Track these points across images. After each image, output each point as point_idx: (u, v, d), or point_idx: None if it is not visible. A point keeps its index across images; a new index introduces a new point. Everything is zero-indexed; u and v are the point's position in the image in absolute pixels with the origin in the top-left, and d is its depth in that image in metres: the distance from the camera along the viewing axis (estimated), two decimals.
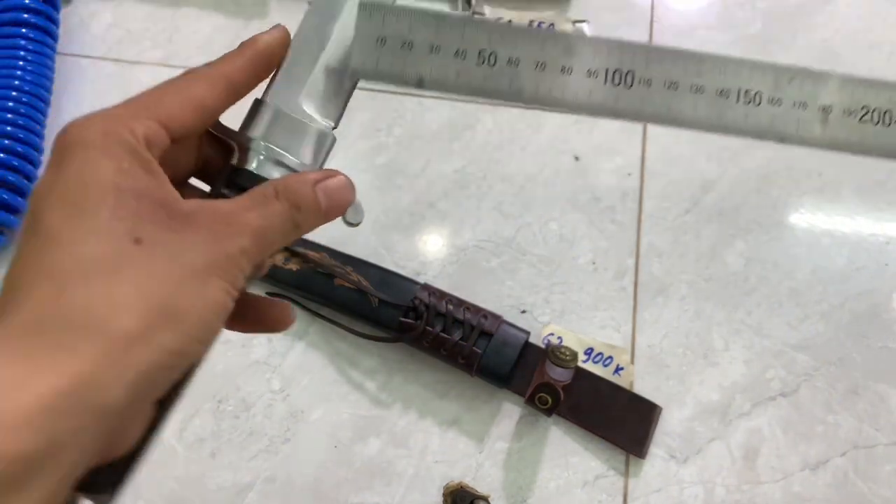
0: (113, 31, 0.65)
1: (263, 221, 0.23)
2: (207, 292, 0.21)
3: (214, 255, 0.21)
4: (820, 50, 0.62)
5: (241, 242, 0.22)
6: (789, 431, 0.49)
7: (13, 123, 0.54)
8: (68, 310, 0.19)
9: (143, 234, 0.20)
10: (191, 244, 0.21)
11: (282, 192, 0.23)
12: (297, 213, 0.23)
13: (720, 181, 0.58)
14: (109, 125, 0.22)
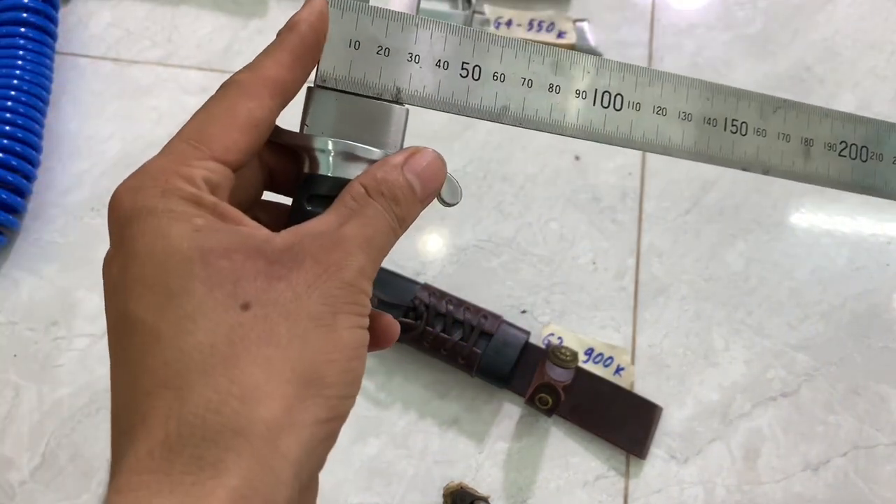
0: (112, 30, 0.65)
1: (367, 230, 0.20)
2: (341, 338, 0.18)
3: (333, 291, 0.18)
4: (820, 49, 0.62)
5: (354, 263, 0.19)
6: (790, 432, 0.49)
7: (12, 123, 0.53)
8: (198, 419, 0.16)
9: (248, 296, 0.17)
10: (304, 288, 0.18)
11: (373, 189, 0.21)
12: (397, 207, 0.21)
13: (720, 181, 0.57)
14: (164, 181, 0.18)
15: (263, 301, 0.18)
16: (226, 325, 0.17)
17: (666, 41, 0.63)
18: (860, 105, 0.60)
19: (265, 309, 0.18)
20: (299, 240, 0.19)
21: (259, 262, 0.18)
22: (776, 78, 0.61)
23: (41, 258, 0.55)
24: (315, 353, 0.18)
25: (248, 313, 0.17)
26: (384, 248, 0.21)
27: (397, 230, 0.21)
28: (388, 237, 0.21)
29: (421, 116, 0.25)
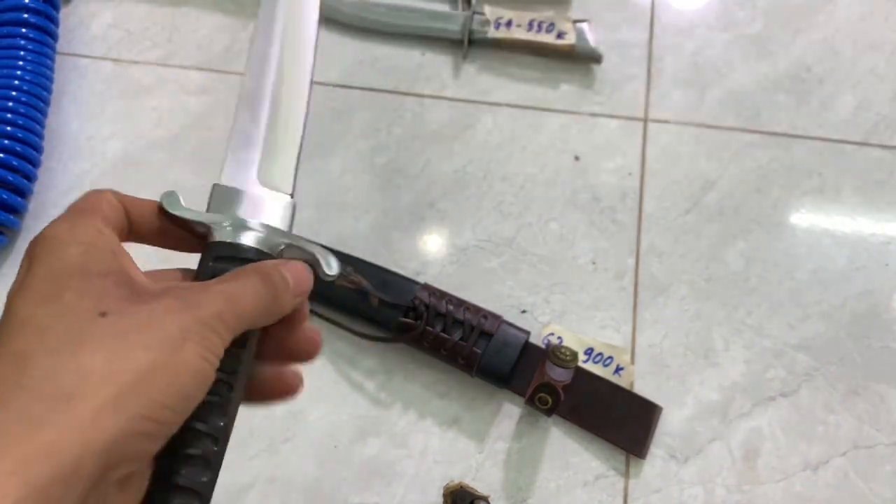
0: (112, 30, 0.65)
1: (234, 287, 0.23)
2: (180, 357, 0.20)
3: (185, 321, 0.21)
4: (820, 49, 0.62)
5: (213, 307, 0.22)
6: (790, 431, 0.49)
7: (13, 123, 0.53)
8: (34, 382, 0.19)
9: (108, 307, 0.21)
10: (160, 313, 0.21)
11: (251, 268, 0.24)
12: (270, 285, 0.24)
13: (720, 181, 0.57)
14: (76, 217, 0.23)
15: (119, 312, 0.21)
16: (82, 323, 0.20)
17: (666, 41, 0.63)
18: (860, 105, 0.60)
19: (119, 318, 0.21)
20: (171, 286, 0.23)
21: (126, 289, 0.22)
22: (776, 78, 0.61)
23: None
24: (152, 361, 0.20)
25: (103, 318, 0.20)
26: (249, 311, 0.23)
27: (268, 303, 0.23)
28: (255, 303, 0.23)
29: (420, 117, 0.25)
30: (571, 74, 0.62)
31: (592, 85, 0.62)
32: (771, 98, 0.61)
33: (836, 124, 0.59)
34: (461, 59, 0.63)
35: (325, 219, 0.56)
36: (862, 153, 0.58)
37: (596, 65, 0.62)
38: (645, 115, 0.60)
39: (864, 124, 0.59)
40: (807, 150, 0.58)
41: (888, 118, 0.59)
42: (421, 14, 0.63)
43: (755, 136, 0.59)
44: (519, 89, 0.61)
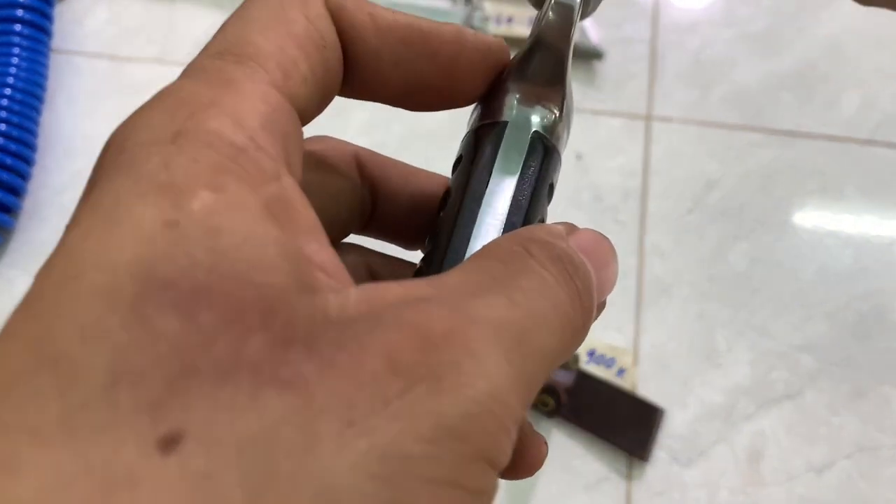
0: (108, 27, 0.64)
1: (519, 312, 0.10)
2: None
3: (411, 447, 0.09)
4: (825, 47, 0.62)
5: (480, 387, 0.09)
6: (793, 434, 0.49)
7: (7, 121, 0.53)
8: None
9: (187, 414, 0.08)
10: (343, 422, 0.09)
11: (536, 249, 0.11)
12: (579, 281, 0.12)
13: (724, 180, 0.57)
14: (186, 114, 0.10)
15: (214, 435, 0.08)
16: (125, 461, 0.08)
17: (668, 38, 0.62)
18: (865, 102, 0.59)
19: (211, 455, 0.08)
20: (382, 309, 0.10)
21: (266, 335, 0.09)
22: (780, 76, 0.61)
23: (36, 257, 0.54)
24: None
25: (167, 457, 0.08)
26: (547, 358, 0.11)
27: (579, 327, 0.12)
28: (559, 331, 0.11)
29: (420, 116, 0.24)
30: (573, 72, 0.61)
31: (594, 82, 0.61)
32: (775, 96, 0.60)
33: (840, 122, 0.59)
34: None
35: None
36: (867, 152, 0.58)
37: (598, 62, 0.61)
38: (648, 113, 0.60)
39: (870, 122, 0.59)
40: (811, 148, 0.58)
41: (893, 116, 0.59)
42: (420, 11, 0.63)
43: (759, 134, 0.59)
44: None
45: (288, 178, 0.10)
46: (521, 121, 0.15)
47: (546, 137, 0.15)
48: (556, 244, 0.12)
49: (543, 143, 0.15)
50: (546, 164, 0.15)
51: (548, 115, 0.15)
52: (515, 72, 0.15)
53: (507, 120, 0.15)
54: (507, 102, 0.15)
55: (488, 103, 0.15)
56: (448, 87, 0.14)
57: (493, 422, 0.09)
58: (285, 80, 0.11)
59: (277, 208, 0.10)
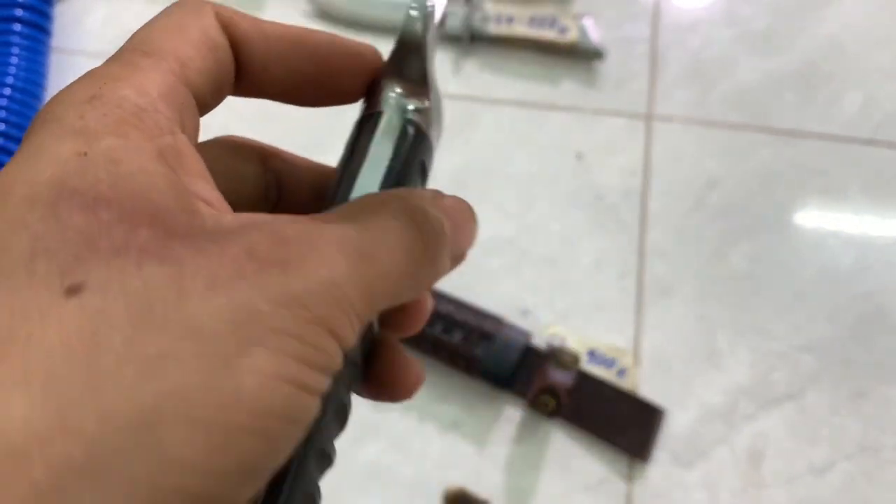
0: (107, 27, 0.64)
1: (367, 236, 0.13)
2: (237, 387, 0.11)
3: (259, 304, 0.11)
4: (826, 46, 0.62)
5: (325, 273, 0.12)
6: (795, 434, 0.49)
7: (6, 121, 0.53)
8: None
9: (87, 277, 0.11)
10: (206, 283, 0.11)
11: (392, 199, 0.14)
12: (428, 226, 0.15)
13: (725, 180, 0.57)
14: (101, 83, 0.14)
15: (106, 289, 0.11)
16: (34, 302, 0.11)
17: (669, 38, 0.62)
18: (867, 102, 0.59)
19: (103, 300, 0.11)
20: (250, 223, 0.12)
21: (146, 234, 0.11)
22: (782, 75, 0.61)
23: None
24: (172, 387, 0.10)
25: (72, 298, 0.10)
26: (389, 276, 0.13)
27: (420, 260, 0.14)
28: (400, 260, 0.13)
29: None
30: (574, 71, 0.61)
31: (595, 82, 0.61)
32: (776, 95, 0.60)
33: (842, 122, 0.59)
34: (462, 55, 0.62)
35: None
36: (869, 151, 0.58)
37: (598, 61, 0.61)
38: (648, 112, 0.59)
39: (872, 122, 0.58)
40: (813, 148, 0.58)
41: (895, 116, 0.59)
42: None
43: (760, 134, 0.59)
44: (520, 86, 0.61)
45: (181, 135, 0.13)
46: (393, 110, 0.18)
47: (417, 123, 0.18)
48: (412, 200, 0.15)
49: (415, 128, 0.18)
50: (416, 145, 0.18)
51: (418, 104, 0.18)
52: (388, 71, 0.18)
53: (382, 110, 0.18)
54: (382, 96, 0.18)
55: (368, 98, 0.18)
56: (328, 85, 0.17)
57: (333, 301, 0.12)
58: (182, 69, 0.14)
59: (170, 154, 0.13)
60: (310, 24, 0.63)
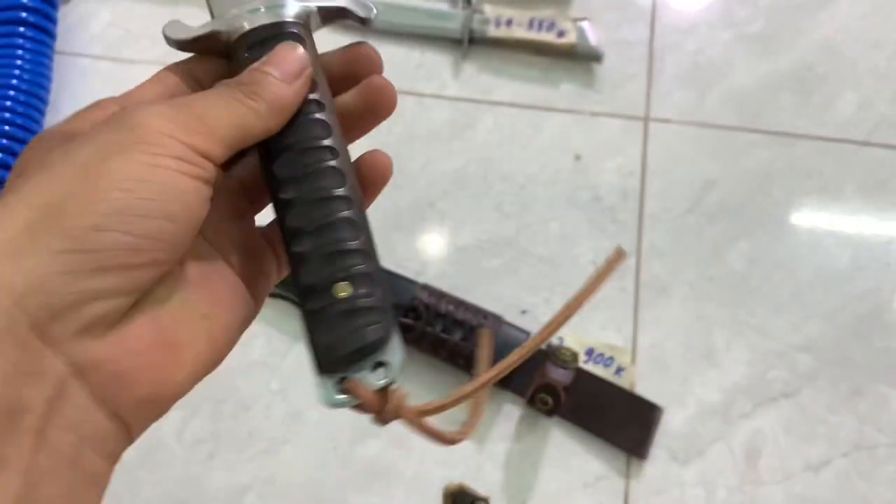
0: (111, 29, 0.64)
1: (192, 97, 0.20)
2: (98, 173, 0.18)
3: (109, 138, 0.18)
4: (822, 48, 0.62)
5: (151, 110, 0.19)
6: (791, 432, 0.49)
7: (11, 123, 0.53)
8: None
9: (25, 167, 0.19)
10: (77, 145, 0.18)
11: (221, 82, 0.22)
12: (245, 87, 0.21)
13: (722, 181, 0.57)
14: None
15: (32, 166, 0.19)
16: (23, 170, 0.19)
17: (667, 40, 0.63)
18: (862, 104, 0.60)
19: (30, 170, 0.18)
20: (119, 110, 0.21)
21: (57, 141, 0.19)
22: (778, 77, 0.61)
23: None
24: (59, 188, 0.17)
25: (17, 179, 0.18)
26: (218, 112, 0.20)
27: (248, 102, 0.20)
28: (224, 103, 0.20)
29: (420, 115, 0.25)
30: (572, 73, 0.62)
31: (593, 84, 0.61)
32: (772, 97, 0.60)
33: (838, 124, 0.59)
34: (461, 58, 0.62)
35: None
36: (864, 153, 0.58)
37: (596, 64, 0.61)
38: (646, 114, 0.60)
39: (866, 124, 0.59)
40: (808, 149, 0.58)
41: (890, 118, 0.59)
42: (421, 13, 0.63)
43: (757, 135, 0.59)
44: (519, 88, 0.61)
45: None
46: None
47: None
48: (234, 77, 0.22)
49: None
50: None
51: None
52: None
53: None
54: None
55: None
56: None
57: (151, 120, 0.19)
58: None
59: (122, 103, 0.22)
60: None
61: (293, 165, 0.21)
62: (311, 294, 0.21)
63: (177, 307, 0.20)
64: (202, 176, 0.19)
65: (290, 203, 0.21)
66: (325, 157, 0.22)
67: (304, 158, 0.22)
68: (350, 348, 0.21)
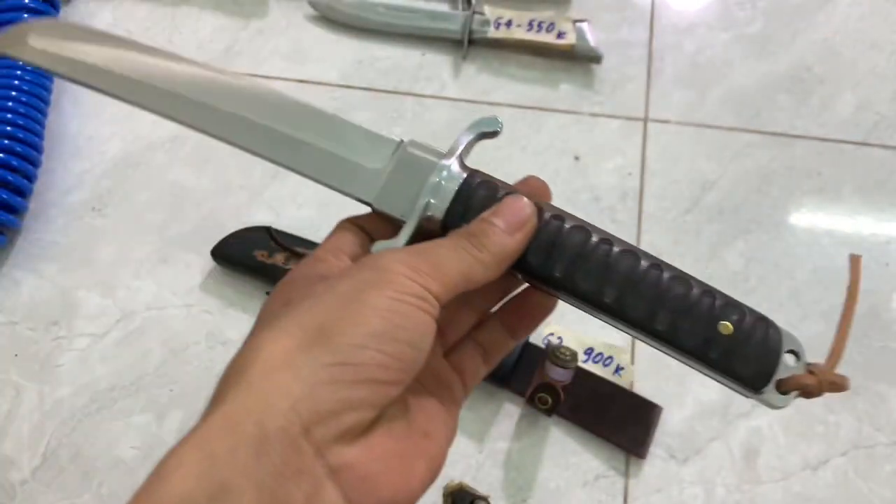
0: (113, 30, 0.64)
1: (427, 245, 0.23)
2: (361, 303, 0.21)
3: (364, 275, 0.22)
4: (820, 49, 0.62)
5: (395, 257, 0.22)
6: (789, 431, 0.49)
7: (13, 123, 0.54)
8: (224, 373, 0.21)
9: (291, 298, 0.22)
10: (337, 279, 0.22)
11: (452, 232, 0.24)
12: (472, 237, 0.24)
13: (720, 181, 0.57)
14: (304, 261, 0.26)
15: (300, 296, 0.22)
16: (266, 317, 0.23)
17: (666, 41, 0.63)
18: (860, 105, 0.60)
19: (298, 300, 0.22)
20: (362, 259, 0.24)
21: (317, 280, 0.23)
22: (776, 78, 0.61)
23: (42, 258, 0.55)
24: (327, 314, 0.21)
25: (285, 306, 0.22)
26: (449, 261, 0.23)
27: (474, 252, 0.23)
28: (454, 253, 0.23)
29: (421, 116, 0.25)
30: (571, 74, 0.62)
31: (592, 85, 0.62)
32: (771, 98, 0.60)
33: (836, 124, 0.59)
34: (461, 59, 0.63)
35: (326, 219, 0.56)
36: (862, 153, 0.58)
37: (596, 65, 0.62)
38: (645, 115, 0.60)
39: (865, 124, 0.59)
40: (807, 149, 0.58)
41: (888, 118, 0.59)
42: (421, 14, 0.63)
43: (755, 136, 0.59)
44: (519, 89, 0.61)
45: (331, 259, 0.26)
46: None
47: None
48: (464, 227, 0.25)
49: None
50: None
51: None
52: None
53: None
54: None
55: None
56: None
57: (397, 266, 0.22)
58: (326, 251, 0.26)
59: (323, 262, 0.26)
60: (312, 27, 0.64)
61: (597, 278, 0.25)
62: (705, 348, 0.24)
63: (404, 425, 0.23)
64: (432, 313, 0.22)
65: (619, 302, 0.24)
66: (603, 248, 0.25)
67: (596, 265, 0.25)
68: (766, 360, 0.24)
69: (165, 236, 0.55)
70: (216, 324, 0.53)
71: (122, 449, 0.49)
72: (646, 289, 0.24)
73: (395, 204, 0.26)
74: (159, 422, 0.50)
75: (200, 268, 0.54)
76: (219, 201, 0.56)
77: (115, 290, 0.54)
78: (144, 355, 0.52)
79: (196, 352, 0.52)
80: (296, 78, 0.62)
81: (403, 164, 0.27)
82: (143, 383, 0.51)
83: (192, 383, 0.51)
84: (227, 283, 0.54)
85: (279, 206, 0.57)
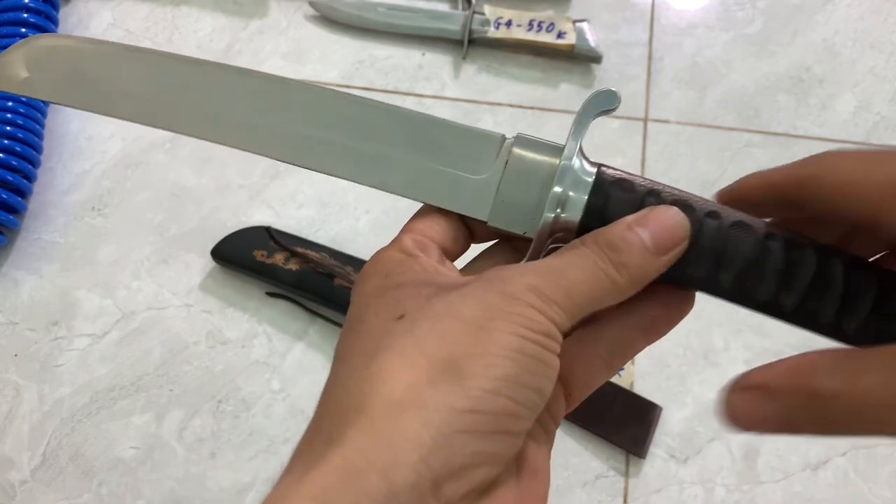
0: (112, 30, 0.65)
1: (557, 261, 0.20)
2: (490, 337, 0.18)
3: (491, 300, 0.19)
4: (820, 49, 0.62)
5: (523, 280, 0.19)
6: None
7: (12, 123, 0.54)
8: (333, 403, 0.19)
9: (405, 310, 0.19)
10: (460, 298, 0.19)
11: (588, 239, 0.21)
12: (613, 253, 0.20)
13: (720, 181, 0.58)
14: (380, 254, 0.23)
15: (416, 310, 0.19)
16: (379, 332, 0.20)
17: (665, 41, 0.63)
18: (860, 105, 0.60)
19: (414, 315, 0.19)
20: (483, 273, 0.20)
21: (428, 290, 0.20)
22: (776, 78, 0.61)
23: (41, 258, 0.55)
24: (455, 345, 0.18)
25: (400, 321, 0.19)
26: (580, 285, 0.20)
27: (612, 274, 0.20)
28: (588, 274, 0.20)
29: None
30: (571, 74, 0.62)
31: (592, 85, 0.62)
32: (771, 98, 0.61)
33: (836, 125, 0.59)
34: (461, 59, 0.63)
35: (326, 219, 0.56)
36: None
37: (596, 65, 0.62)
38: (645, 114, 0.60)
39: (864, 125, 0.59)
40: (807, 150, 0.58)
41: (888, 118, 0.59)
42: (421, 14, 0.63)
43: (755, 136, 0.59)
44: (519, 89, 0.62)
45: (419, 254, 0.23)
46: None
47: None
48: (607, 231, 0.21)
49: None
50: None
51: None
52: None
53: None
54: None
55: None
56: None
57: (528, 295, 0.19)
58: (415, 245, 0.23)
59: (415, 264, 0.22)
60: (312, 27, 0.64)
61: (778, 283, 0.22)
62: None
63: (515, 482, 0.20)
64: (557, 351, 0.19)
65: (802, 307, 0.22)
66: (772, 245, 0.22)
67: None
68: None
69: (165, 236, 0.55)
70: (216, 324, 0.53)
71: (121, 449, 0.49)
72: (834, 293, 0.20)
73: (513, 219, 0.23)
74: (159, 422, 0.50)
75: (200, 268, 0.54)
76: (219, 201, 0.56)
77: (114, 290, 0.54)
78: (144, 355, 0.52)
79: (196, 352, 0.52)
80: (296, 78, 0.62)
81: (515, 172, 0.23)
82: (142, 383, 0.51)
83: (192, 383, 0.51)
84: (227, 282, 0.54)
85: (279, 205, 0.57)
